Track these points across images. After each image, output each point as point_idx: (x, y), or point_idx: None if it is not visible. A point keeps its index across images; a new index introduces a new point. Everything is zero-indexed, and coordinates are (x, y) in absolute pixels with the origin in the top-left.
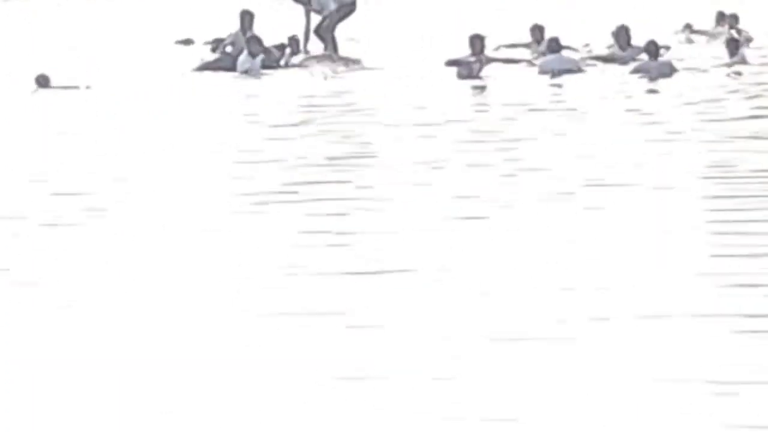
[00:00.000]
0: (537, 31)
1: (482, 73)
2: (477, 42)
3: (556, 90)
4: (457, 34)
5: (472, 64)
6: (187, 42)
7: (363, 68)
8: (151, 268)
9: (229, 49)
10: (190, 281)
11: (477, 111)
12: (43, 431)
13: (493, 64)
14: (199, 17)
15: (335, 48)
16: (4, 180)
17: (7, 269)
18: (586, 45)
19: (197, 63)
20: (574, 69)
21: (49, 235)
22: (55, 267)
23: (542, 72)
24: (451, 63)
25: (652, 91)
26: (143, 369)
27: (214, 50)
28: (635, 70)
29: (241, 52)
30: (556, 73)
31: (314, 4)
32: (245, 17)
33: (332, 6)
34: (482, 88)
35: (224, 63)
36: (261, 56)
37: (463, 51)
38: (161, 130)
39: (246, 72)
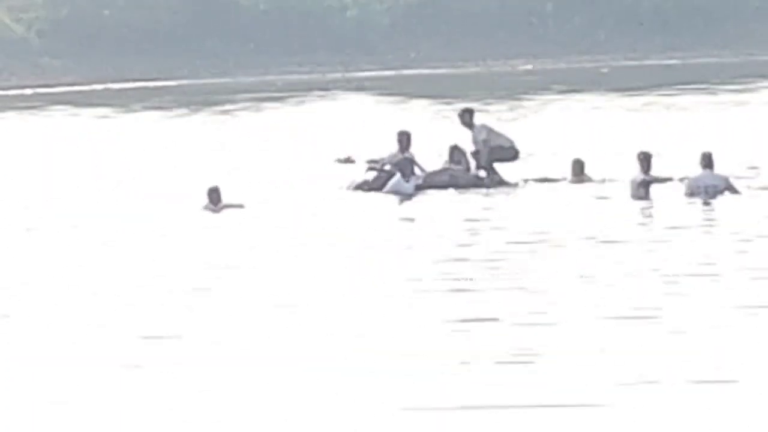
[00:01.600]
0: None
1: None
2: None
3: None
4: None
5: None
6: (348, 161)
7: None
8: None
9: (387, 167)
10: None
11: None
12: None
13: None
14: (362, 136)
15: (493, 175)
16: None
17: None
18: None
19: (356, 181)
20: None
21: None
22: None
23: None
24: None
25: None
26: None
27: (371, 169)
28: None
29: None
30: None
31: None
32: (403, 138)
33: (481, 136)
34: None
35: (382, 183)
36: (414, 178)
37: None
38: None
39: (397, 192)
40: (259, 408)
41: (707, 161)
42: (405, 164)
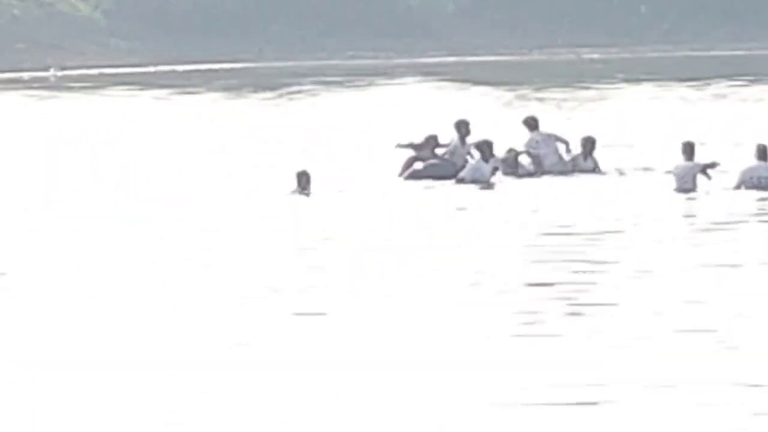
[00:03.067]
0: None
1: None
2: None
3: None
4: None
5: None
6: (410, 146)
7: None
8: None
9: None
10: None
11: None
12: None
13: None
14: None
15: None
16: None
17: None
18: None
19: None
20: None
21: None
22: None
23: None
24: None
25: None
26: None
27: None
28: None
29: (461, 161)
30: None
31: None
32: (461, 126)
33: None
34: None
35: (444, 171)
36: (493, 160)
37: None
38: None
39: (475, 180)
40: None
41: (762, 153)
42: (484, 146)
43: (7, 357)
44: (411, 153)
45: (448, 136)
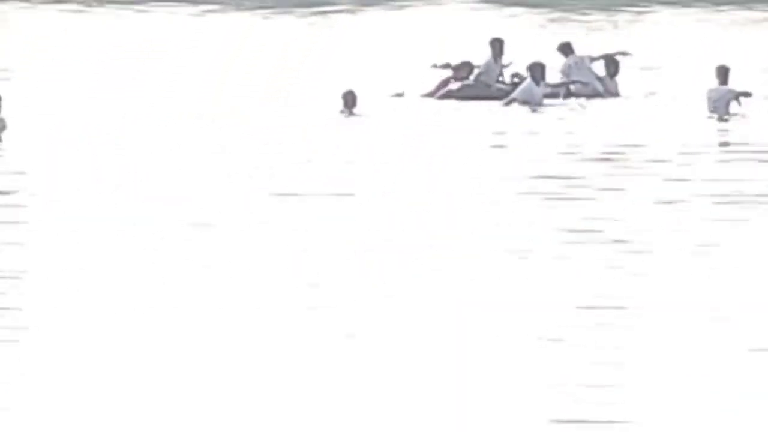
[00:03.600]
0: None
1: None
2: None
3: None
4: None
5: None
6: (446, 66)
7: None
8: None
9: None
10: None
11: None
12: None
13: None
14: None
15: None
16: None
17: None
18: None
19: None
20: None
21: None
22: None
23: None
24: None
25: None
26: None
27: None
28: None
29: (493, 80)
30: None
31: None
32: (495, 45)
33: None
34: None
35: (479, 91)
36: (544, 84)
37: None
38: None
39: (526, 102)
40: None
41: None
42: (536, 69)
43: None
44: (447, 73)
45: (482, 58)
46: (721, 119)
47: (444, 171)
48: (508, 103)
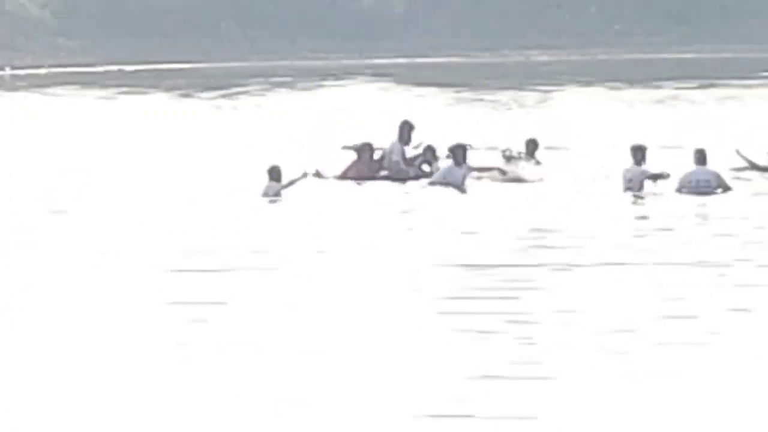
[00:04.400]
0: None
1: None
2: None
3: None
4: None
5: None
6: (354, 148)
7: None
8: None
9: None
10: None
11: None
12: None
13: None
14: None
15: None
16: None
17: None
18: None
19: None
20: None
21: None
22: None
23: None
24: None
25: None
26: None
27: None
28: None
29: (401, 161)
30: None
31: None
32: (404, 127)
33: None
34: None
35: (392, 173)
36: (466, 166)
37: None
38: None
39: (447, 183)
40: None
41: (700, 158)
42: (457, 150)
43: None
44: (354, 155)
45: (388, 139)
46: (635, 198)
47: (362, 251)
48: (432, 184)
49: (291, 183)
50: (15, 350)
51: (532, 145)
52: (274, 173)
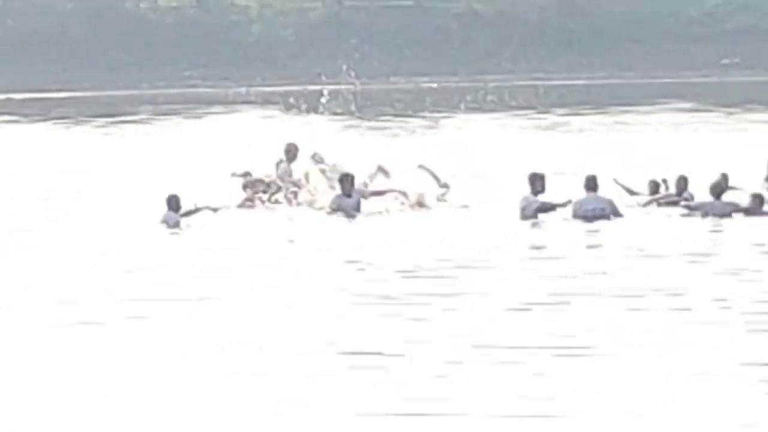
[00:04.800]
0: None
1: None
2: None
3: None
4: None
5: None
6: (246, 175)
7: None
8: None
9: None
10: None
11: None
12: None
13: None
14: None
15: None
16: None
17: None
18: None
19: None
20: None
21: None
22: None
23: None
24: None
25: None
26: None
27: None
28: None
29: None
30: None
31: None
32: (290, 150)
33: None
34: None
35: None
36: (357, 193)
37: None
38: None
39: (337, 210)
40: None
41: (590, 184)
42: (345, 180)
43: None
44: (249, 180)
45: (274, 164)
46: (532, 226)
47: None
48: (330, 213)
49: (189, 213)
50: None
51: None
52: (173, 202)
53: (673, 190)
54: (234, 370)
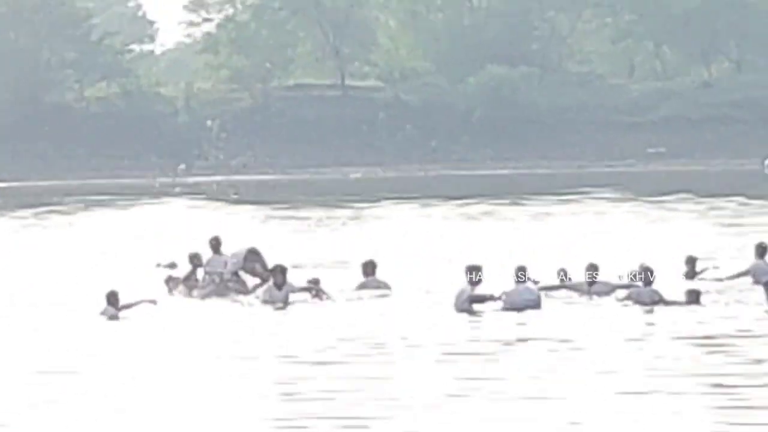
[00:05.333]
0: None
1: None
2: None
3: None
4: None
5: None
6: (172, 266)
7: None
8: None
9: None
10: None
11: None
12: None
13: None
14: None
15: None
16: None
17: None
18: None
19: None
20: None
21: None
22: None
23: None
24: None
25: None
26: None
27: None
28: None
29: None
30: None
31: None
32: (213, 242)
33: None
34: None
35: (218, 290)
36: (287, 286)
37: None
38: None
39: (268, 302)
40: None
41: (520, 275)
42: (277, 272)
43: None
44: (173, 271)
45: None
46: (467, 316)
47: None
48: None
49: (128, 306)
50: None
51: (370, 267)
52: (112, 298)
53: (582, 278)
54: None
